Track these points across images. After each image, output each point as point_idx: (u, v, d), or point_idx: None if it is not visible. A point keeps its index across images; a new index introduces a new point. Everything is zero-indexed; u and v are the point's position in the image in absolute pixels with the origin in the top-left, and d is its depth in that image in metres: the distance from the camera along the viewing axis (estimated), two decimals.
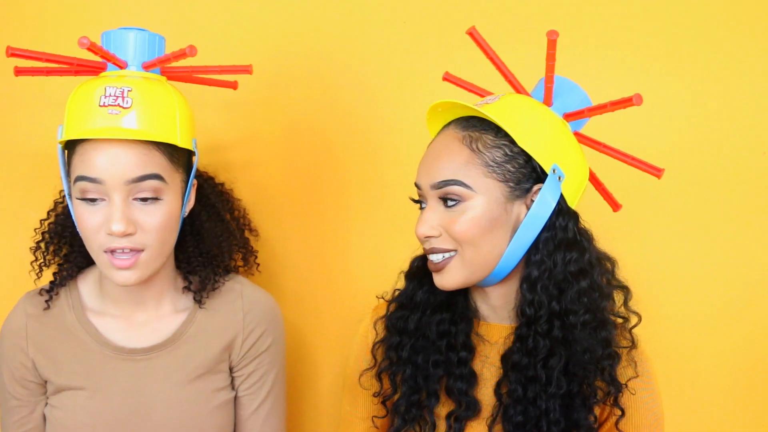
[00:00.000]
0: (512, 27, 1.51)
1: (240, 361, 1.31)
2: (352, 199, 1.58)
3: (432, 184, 1.12)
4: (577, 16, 1.51)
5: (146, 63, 1.21)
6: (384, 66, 1.55)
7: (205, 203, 1.36)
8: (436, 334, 1.19)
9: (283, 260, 1.60)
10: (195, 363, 1.27)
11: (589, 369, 1.11)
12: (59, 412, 1.25)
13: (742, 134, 1.49)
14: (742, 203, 1.50)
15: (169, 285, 1.29)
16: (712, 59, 1.48)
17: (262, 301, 1.34)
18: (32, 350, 1.26)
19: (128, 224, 1.14)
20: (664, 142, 1.50)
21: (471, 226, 1.10)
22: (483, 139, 1.11)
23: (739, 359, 1.53)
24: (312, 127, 1.57)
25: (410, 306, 1.23)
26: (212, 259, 1.33)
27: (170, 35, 1.29)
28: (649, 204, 1.51)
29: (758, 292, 1.52)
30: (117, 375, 1.25)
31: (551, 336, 1.11)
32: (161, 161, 1.17)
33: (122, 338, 1.27)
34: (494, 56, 1.22)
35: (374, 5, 1.55)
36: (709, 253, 1.52)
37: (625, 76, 1.50)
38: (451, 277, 1.13)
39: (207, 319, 1.30)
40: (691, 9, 1.49)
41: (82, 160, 1.15)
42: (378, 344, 1.25)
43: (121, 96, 1.15)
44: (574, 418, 1.12)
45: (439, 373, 1.18)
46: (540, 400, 1.11)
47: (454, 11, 1.53)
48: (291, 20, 1.56)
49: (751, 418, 1.54)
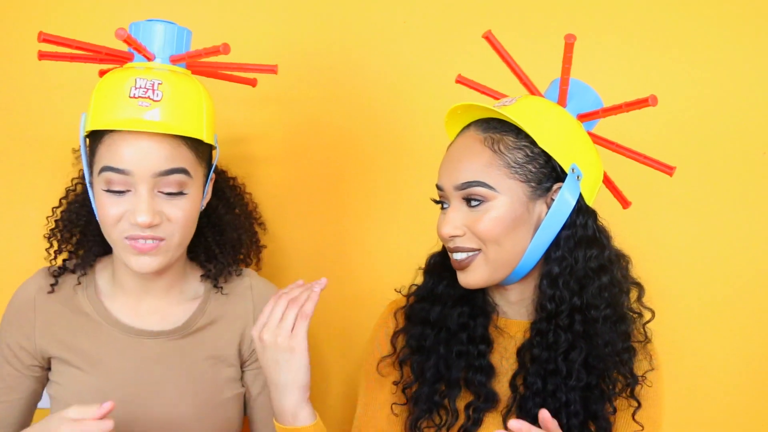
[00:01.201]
0: (524, 28, 1.54)
1: (251, 355, 1.32)
2: (371, 196, 1.59)
3: (455, 186, 1.14)
4: (585, 17, 1.53)
5: (175, 57, 1.21)
6: (404, 65, 1.57)
7: (221, 197, 1.36)
8: (457, 326, 1.22)
9: (300, 257, 1.61)
10: (205, 352, 1.28)
11: (609, 362, 1.15)
12: (63, 390, 1.25)
13: (757, 136, 1.51)
14: (751, 201, 1.53)
15: (179, 276, 1.29)
16: (716, 59, 1.50)
17: (272, 293, 1.33)
18: (39, 323, 1.26)
19: (154, 215, 1.14)
20: (672, 141, 1.52)
21: (495, 226, 1.13)
22: (504, 140, 1.14)
23: (747, 354, 1.56)
24: (330, 125, 1.59)
25: (430, 298, 1.25)
26: (231, 249, 1.34)
27: (192, 28, 1.29)
28: (657, 202, 1.54)
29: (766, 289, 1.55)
30: (124, 355, 1.25)
31: (572, 330, 1.14)
32: (188, 155, 1.18)
33: (132, 320, 1.27)
34: (510, 59, 1.24)
35: (394, 5, 1.57)
36: (717, 251, 1.55)
37: (632, 76, 1.52)
38: (475, 275, 1.16)
39: (217, 309, 1.31)
40: (697, 9, 1.51)
41: (110, 151, 1.15)
42: (398, 333, 1.27)
43: (151, 89, 1.15)
44: (593, 410, 1.15)
45: (462, 364, 1.20)
46: (560, 393, 1.14)
47: (472, 13, 1.55)
48: (312, 16, 1.57)
49: (761, 411, 1.56)
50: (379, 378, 1.28)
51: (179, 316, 1.29)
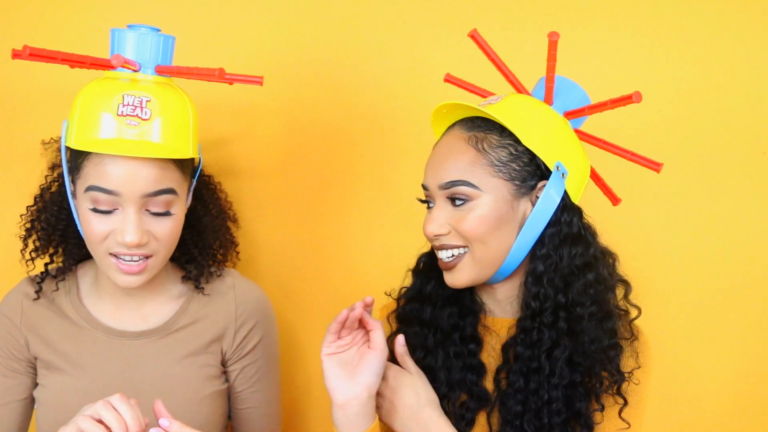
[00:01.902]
0: (512, 26, 1.54)
1: (233, 354, 1.33)
2: (361, 196, 1.59)
3: (439, 185, 1.15)
4: (577, 14, 1.53)
5: (161, 68, 1.20)
6: (393, 64, 1.57)
7: (199, 197, 1.36)
8: (449, 326, 1.22)
9: (285, 259, 1.62)
10: (186, 350, 1.29)
11: (595, 359, 1.14)
12: (48, 392, 1.27)
13: (743, 132, 1.51)
14: (742, 201, 1.52)
15: (160, 279, 1.30)
16: (713, 57, 1.49)
17: (254, 293, 1.37)
18: (25, 329, 1.28)
19: (142, 235, 1.15)
20: (665, 140, 1.52)
21: (479, 224, 1.13)
22: (488, 139, 1.14)
23: (736, 352, 1.55)
24: (316, 125, 1.59)
25: (420, 299, 1.25)
26: (209, 249, 1.35)
27: (174, 30, 1.28)
28: (648, 200, 1.54)
29: (758, 290, 1.54)
30: (107, 356, 1.26)
31: (557, 327, 1.14)
32: (175, 175, 1.19)
33: (114, 321, 1.28)
34: (496, 57, 1.24)
35: (378, 7, 1.56)
36: (708, 250, 1.54)
37: (625, 74, 1.52)
38: (462, 275, 1.16)
39: (199, 309, 1.32)
40: (692, 6, 1.50)
41: (97, 171, 1.14)
42: (393, 335, 1.26)
43: (139, 106, 1.14)
44: (576, 408, 1.14)
45: (460, 364, 1.21)
46: (542, 390, 1.14)
47: (459, 12, 1.55)
48: (298, 16, 1.57)
49: (751, 412, 1.56)
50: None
51: (161, 316, 1.30)
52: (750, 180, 1.52)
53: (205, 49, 1.54)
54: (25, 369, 1.29)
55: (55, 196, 1.30)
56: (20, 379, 1.29)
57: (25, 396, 1.30)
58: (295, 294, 1.62)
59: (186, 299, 1.32)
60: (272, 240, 1.61)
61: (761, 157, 1.50)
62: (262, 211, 1.60)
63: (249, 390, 1.36)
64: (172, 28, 1.28)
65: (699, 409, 1.57)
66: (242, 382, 1.35)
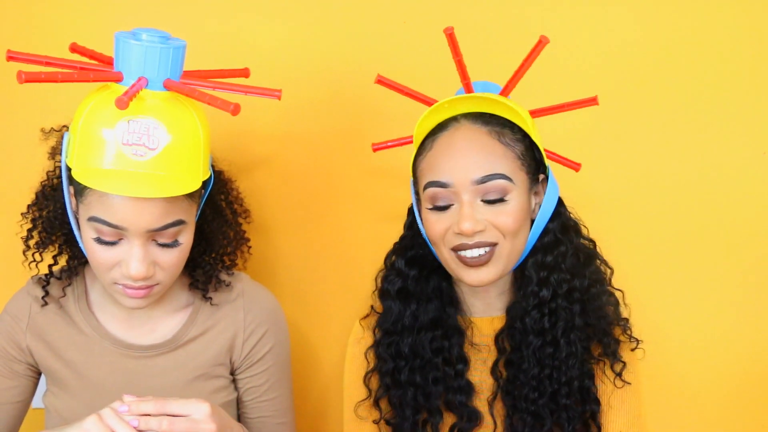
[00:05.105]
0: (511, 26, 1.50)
1: (242, 363, 1.29)
2: (362, 197, 1.54)
3: (473, 180, 1.12)
4: (574, 19, 1.49)
5: (171, 84, 1.09)
6: (397, 64, 1.49)
7: (208, 200, 1.27)
8: (431, 352, 1.22)
9: (298, 263, 1.56)
10: (195, 363, 1.26)
11: (599, 327, 1.20)
12: (56, 401, 1.26)
13: (743, 132, 1.49)
14: (742, 201, 1.50)
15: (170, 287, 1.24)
16: (713, 57, 1.48)
17: (264, 299, 1.32)
18: (30, 335, 1.25)
19: (148, 268, 1.12)
20: (665, 140, 1.50)
21: (516, 218, 1.13)
22: (506, 133, 1.15)
23: (734, 364, 1.54)
24: (318, 124, 1.53)
25: (398, 330, 1.23)
26: (217, 255, 1.30)
27: (179, 33, 1.19)
28: (648, 200, 1.51)
29: (759, 295, 1.52)
30: (114, 368, 1.24)
31: (571, 309, 1.18)
32: (183, 204, 1.13)
33: (123, 333, 1.25)
34: (460, 59, 1.18)
35: (373, 7, 1.51)
36: (708, 250, 1.52)
37: (620, 76, 1.48)
38: (490, 271, 1.15)
39: (208, 318, 1.28)
40: (692, 7, 1.48)
41: (102, 203, 1.08)
42: (370, 374, 1.26)
43: (146, 133, 1.06)
44: (586, 385, 1.18)
45: (440, 390, 1.21)
46: (557, 372, 1.17)
47: (454, 12, 1.50)
48: (306, 19, 1.51)
49: (741, 405, 1.55)
50: (360, 422, 1.27)
51: (169, 328, 1.27)
52: (750, 180, 1.51)
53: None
54: (25, 371, 1.28)
55: (57, 193, 1.22)
56: (19, 380, 1.28)
57: (21, 399, 1.29)
58: (308, 298, 1.56)
59: (194, 309, 1.28)
60: (286, 243, 1.55)
61: (761, 157, 1.50)
62: (276, 214, 1.53)
63: (260, 399, 1.31)
64: (178, 27, 1.20)
65: (689, 401, 1.56)
66: (252, 391, 1.30)
